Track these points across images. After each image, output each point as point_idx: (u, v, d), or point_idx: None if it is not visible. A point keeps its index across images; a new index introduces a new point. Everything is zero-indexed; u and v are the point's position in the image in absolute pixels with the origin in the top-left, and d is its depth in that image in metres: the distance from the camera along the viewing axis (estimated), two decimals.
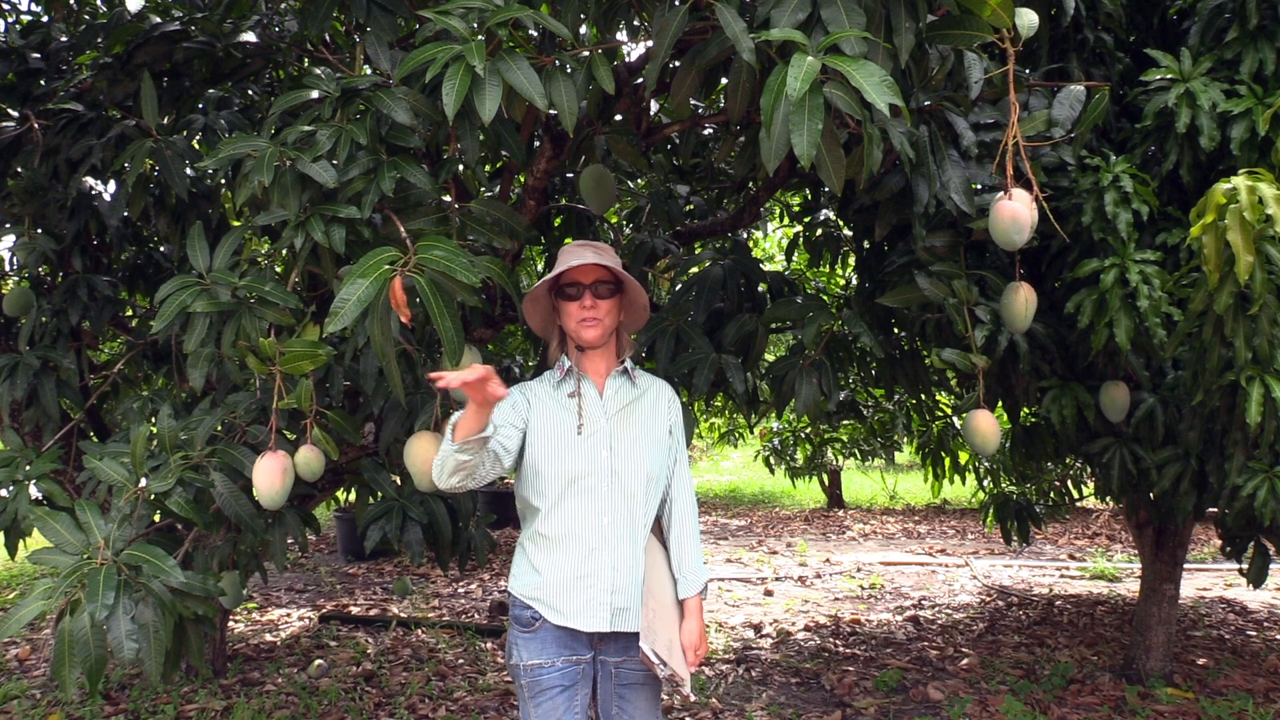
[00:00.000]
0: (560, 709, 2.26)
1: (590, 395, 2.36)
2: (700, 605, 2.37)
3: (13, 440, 3.64)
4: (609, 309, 2.35)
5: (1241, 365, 2.87)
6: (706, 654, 2.69)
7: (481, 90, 2.21)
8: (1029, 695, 4.37)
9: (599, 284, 2.33)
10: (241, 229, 2.70)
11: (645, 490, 2.32)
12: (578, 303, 2.32)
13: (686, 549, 2.38)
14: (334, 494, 3.93)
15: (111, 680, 4.61)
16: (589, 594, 2.25)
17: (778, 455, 10.56)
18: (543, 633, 2.28)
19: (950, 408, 6.39)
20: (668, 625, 2.30)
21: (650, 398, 2.40)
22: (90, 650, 2.17)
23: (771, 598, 6.79)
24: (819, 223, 4.73)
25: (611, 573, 2.26)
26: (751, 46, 2.15)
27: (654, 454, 2.34)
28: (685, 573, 2.37)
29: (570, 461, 2.28)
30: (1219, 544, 4.05)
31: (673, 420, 2.42)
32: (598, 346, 2.37)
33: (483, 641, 5.48)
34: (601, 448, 2.30)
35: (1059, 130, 2.98)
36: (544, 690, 2.26)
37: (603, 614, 2.25)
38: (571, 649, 2.28)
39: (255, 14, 3.48)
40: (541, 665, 2.27)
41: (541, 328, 2.47)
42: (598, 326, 2.33)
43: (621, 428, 2.33)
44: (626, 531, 2.29)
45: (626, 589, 2.28)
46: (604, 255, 2.34)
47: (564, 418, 2.33)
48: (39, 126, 3.32)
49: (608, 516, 2.28)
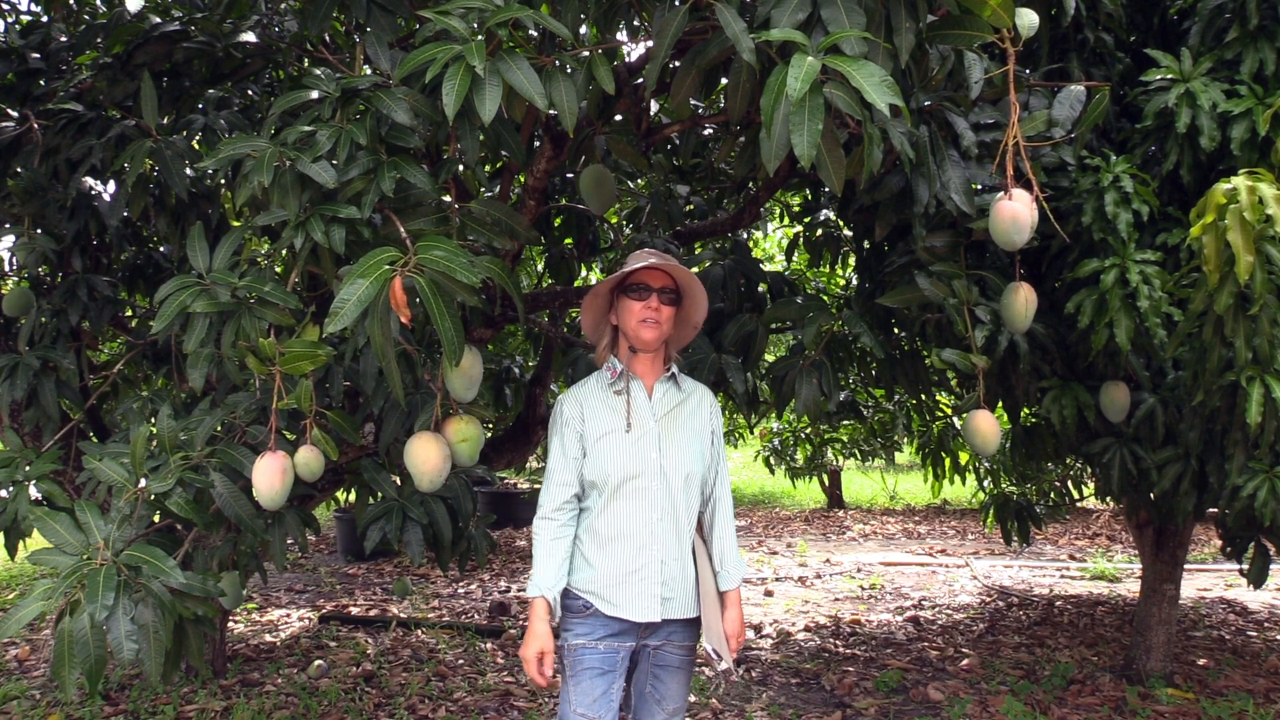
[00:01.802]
0: (597, 690, 2.38)
1: (639, 397, 2.46)
2: (739, 597, 2.53)
3: (13, 440, 3.64)
4: (669, 315, 2.46)
5: (1242, 365, 2.87)
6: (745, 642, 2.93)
7: (481, 90, 2.21)
8: (1029, 696, 4.37)
9: (666, 291, 2.45)
10: (241, 229, 2.70)
11: (690, 489, 2.44)
12: (644, 303, 2.42)
13: (728, 545, 2.51)
14: (334, 494, 3.93)
15: (111, 681, 4.61)
16: (640, 586, 2.38)
17: (778, 455, 10.56)
18: (593, 619, 2.40)
19: (950, 408, 6.38)
20: (715, 618, 2.45)
21: (694, 402, 2.52)
22: (90, 651, 2.17)
23: (771, 598, 6.79)
24: (819, 223, 4.73)
25: (660, 566, 2.39)
26: (752, 46, 2.15)
27: (698, 455, 2.46)
28: (727, 566, 2.50)
29: (623, 462, 2.40)
30: (1219, 544, 4.04)
31: (714, 424, 2.54)
32: (651, 350, 2.47)
33: (482, 642, 5.48)
34: (651, 449, 2.41)
35: (1059, 130, 2.98)
36: (585, 669, 2.39)
37: (654, 605, 2.38)
38: (618, 636, 2.41)
39: (255, 14, 3.47)
40: (585, 646, 2.40)
41: (593, 327, 2.56)
42: (656, 329, 2.42)
43: (669, 430, 2.44)
44: (673, 528, 2.42)
45: (674, 581, 2.41)
46: (677, 269, 2.45)
47: (614, 420, 2.43)
48: (39, 126, 3.32)
49: (657, 514, 2.39)
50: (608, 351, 2.51)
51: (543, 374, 4.53)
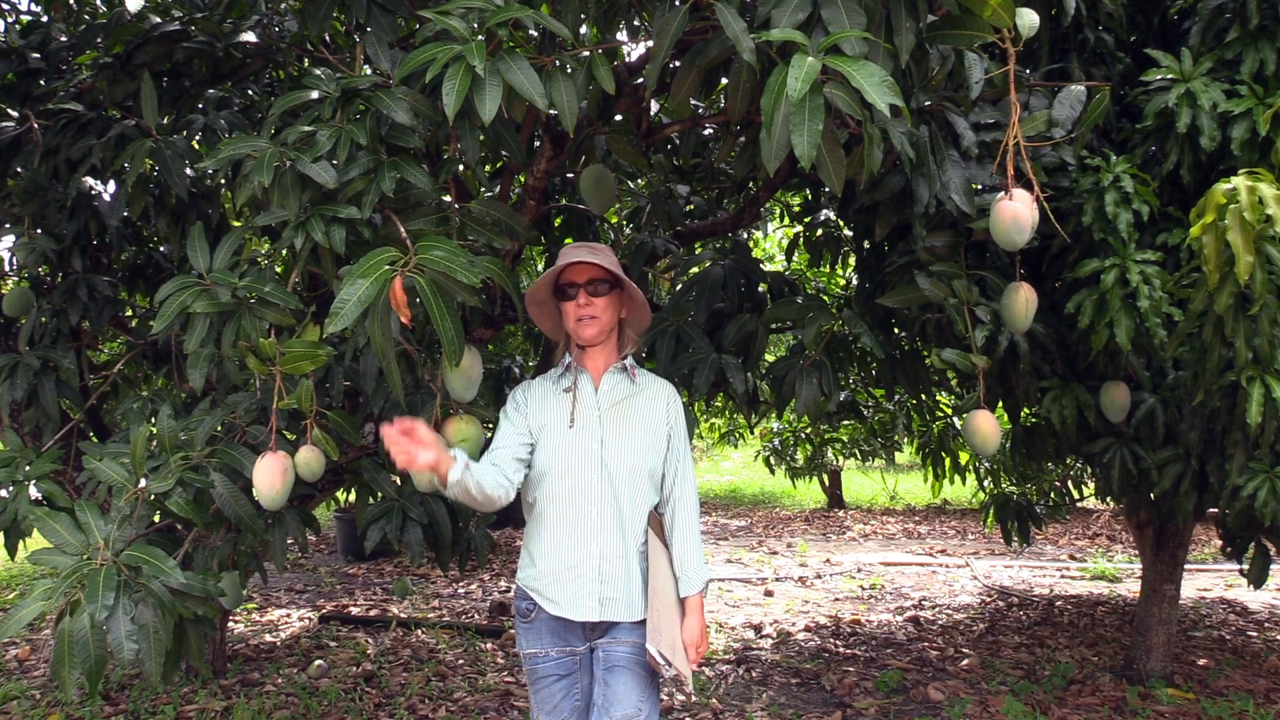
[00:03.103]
0: (558, 696, 2.37)
1: (585, 389, 2.42)
2: (701, 603, 2.42)
3: (13, 440, 3.64)
4: (605, 305, 2.40)
5: (1242, 365, 2.87)
6: (707, 652, 2.77)
7: (481, 90, 2.21)
8: (1029, 696, 4.37)
9: (595, 282, 2.38)
10: (242, 229, 2.70)
11: (635, 485, 2.36)
12: (574, 302, 2.38)
13: (688, 548, 2.41)
14: (334, 494, 3.93)
15: (111, 681, 4.61)
16: (578, 583, 2.33)
17: (778, 455, 10.55)
18: (538, 623, 2.37)
19: (950, 408, 6.38)
20: (671, 624, 2.35)
21: (648, 396, 2.45)
22: (90, 651, 2.17)
23: (772, 598, 6.79)
24: (819, 223, 4.73)
25: (599, 562, 2.33)
26: (752, 47, 2.15)
27: (646, 450, 2.38)
28: (686, 571, 2.40)
29: (562, 454, 2.35)
30: (1219, 544, 4.04)
31: (672, 420, 2.46)
32: (597, 344, 2.43)
33: (483, 642, 5.48)
34: (592, 441, 2.36)
35: (1059, 130, 2.98)
36: (541, 678, 2.38)
37: (591, 603, 2.32)
38: (566, 640, 2.37)
39: (255, 14, 3.47)
40: (538, 655, 2.38)
41: (553, 330, 2.53)
42: (594, 324, 2.38)
43: (614, 422, 2.39)
44: (614, 524, 2.34)
45: (614, 579, 2.34)
46: (598, 254, 2.39)
47: (559, 412, 2.39)
48: (39, 126, 3.32)
49: (595, 508, 2.33)
50: (564, 350, 2.49)
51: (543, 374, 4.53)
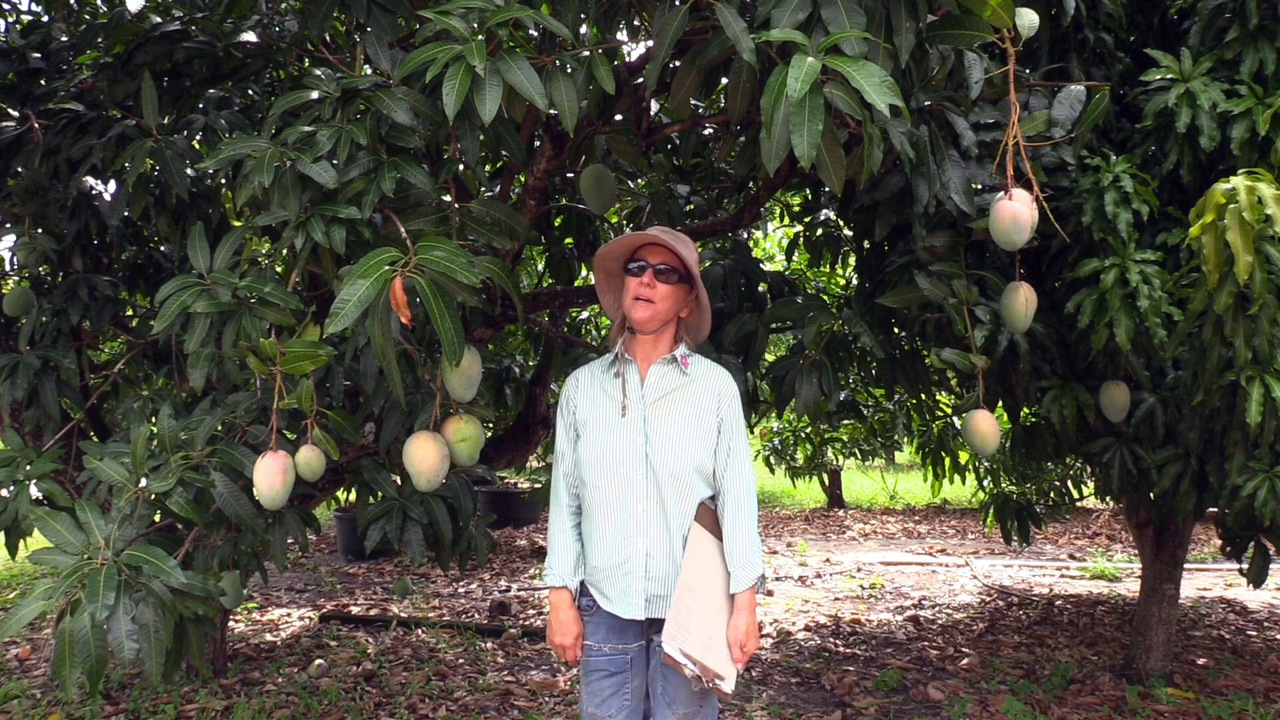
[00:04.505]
0: (606, 691, 2.35)
1: (632, 381, 2.35)
2: (751, 600, 2.32)
3: (13, 440, 3.64)
4: (667, 294, 2.32)
5: (1241, 365, 2.87)
6: (756, 650, 2.68)
7: (481, 90, 2.21)
8: (1029, 695, 4.37)
9: (666, 269, 2.31)
10: (242, 229, 2.70)
11: (681, 481, 2.29)
12: (638, 279, 2.31)
13: (737, 542, 2.30)
14: (334, 494, 3.93)
15: (112, 680, 4.61)
16: (626, 580, 2.31)
17: (778, 455, 10.55)
18: (597, 618, 2.37)
19: (950, 408, 6.38)
20: (711, 621, 2.26)
21: (700, 386, 2.35)
22: (90, 650, 2.17)
23: (772, 598, 6.79)
24: (819, 223, 4.73)
25: (646, 560, 2.29)
26: (752, 47, 2.15)
27: (693, 445, 2.30)
28: (736, 566, 2.30)
29: (607, 447, 2.31)
30: (1219, 544, 4.05)
31: (724, 412, 2.35)
32: (646, 331, 2.35)
33: (483, 641, 5.48)
34: (636, 435, 2.31)
35: (1059, 130, 2.98)
36: (593, 671, 2.37)
37: (638, 601, 2.29)
38: (620, 638, 2.35)
39: (255, 14, 3.47)
40: (592, 648, 2.38)
41: (611, 307, 2.49)
42: (649, 309, 2.30)
43: (658, 416, 2.32)
44: (660, 520, 2.29)
45: (662, 577, 2.29)
46: (680, 242, 2.33)
47: (607, 403, 2.35)
48: (39, 126, 3.32)
49: (642, 504, 2.29)
50: (618, 334, 2.41)
51: (543, 374, 4.54)
